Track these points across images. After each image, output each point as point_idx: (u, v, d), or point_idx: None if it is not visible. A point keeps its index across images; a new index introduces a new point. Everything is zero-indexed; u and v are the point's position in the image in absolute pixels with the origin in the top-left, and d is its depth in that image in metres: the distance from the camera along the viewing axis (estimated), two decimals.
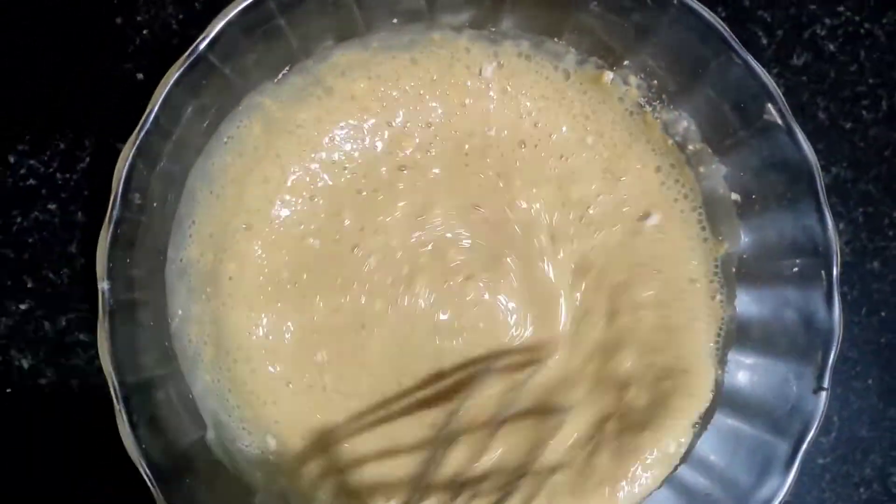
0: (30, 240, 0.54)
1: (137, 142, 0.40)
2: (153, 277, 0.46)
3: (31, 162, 0.54)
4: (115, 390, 0.41)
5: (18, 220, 0.54)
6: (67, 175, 0.54)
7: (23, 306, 0.54)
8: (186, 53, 0.42)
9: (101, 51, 0.54)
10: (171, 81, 0.42)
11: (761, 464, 0.44)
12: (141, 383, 0.43)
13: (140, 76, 0.54)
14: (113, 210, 0.41)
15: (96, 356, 0.51)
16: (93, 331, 0.52)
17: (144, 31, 0.55)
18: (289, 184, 0.47)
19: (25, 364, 0.53)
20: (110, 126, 0.54)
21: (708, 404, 0.48)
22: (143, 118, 0.41)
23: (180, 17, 0.54)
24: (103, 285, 0.42)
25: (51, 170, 0.54)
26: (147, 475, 0.41)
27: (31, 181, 0.54)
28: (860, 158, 0.56)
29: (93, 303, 0.51)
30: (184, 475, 0.43)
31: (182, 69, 0.42)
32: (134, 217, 0.42)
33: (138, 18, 0.54)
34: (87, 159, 0.54)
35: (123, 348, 0.42)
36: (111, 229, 0.41)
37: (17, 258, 0.54)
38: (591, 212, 0.50)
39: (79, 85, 0.54)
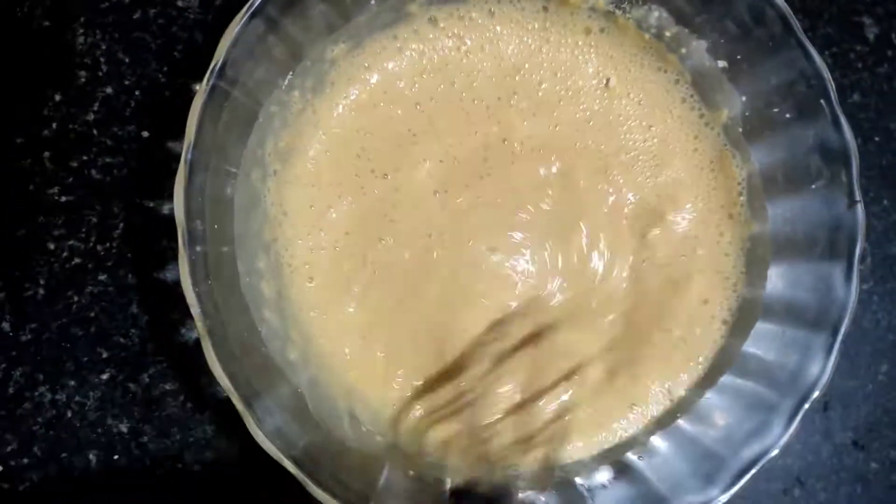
0: (91, 314, 0.56)
1: (184, 180, 0.43)
2: (232, 298, 0.49)
3: (71, 242, 0.56)
4: (239, 400, 0.44)
5: (76, 298, 0.56)
6: (107, 244, 0.56)
7: (104, 376, 0.55)
8: (204, 83, 0.45)
9: (104, 117, 0.56)
10: (198, 112, 0.45)
11: (800, 355, 0.49)
12: (253, 394, 0.46)
13: (145, 134, 0.57)
14: (186, 245, 0.44)
15: (186, 401, 0.53)
16: (176, 379, 0.55)
17: (136, 93, 0.57)
18: None
19: (124, 428, 0.55)
20: (132, 187, 0.56)
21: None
22: (185, 152, 0.44)
23: (164, 69, 0.57)
24: (196, 311, 0.44)
25: (91, 244, 0.56)
26: (293, 463, 0.43)
27: (77, 260, 0.56)
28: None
29: (167, 354, 0.54)
30: (321, 460, 0.46)
31: (204, 97, 0.45)
32: (203, 248, 0.45)
33: (125, 83, 0.57)
34: (121, 224, 0.56)
35: (232, 364, 0.44)
36: (188, 260, 0.43)
37: (86, 333, 0.56)
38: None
39: (92, 159, 0.56)
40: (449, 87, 0.54)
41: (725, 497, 0.47)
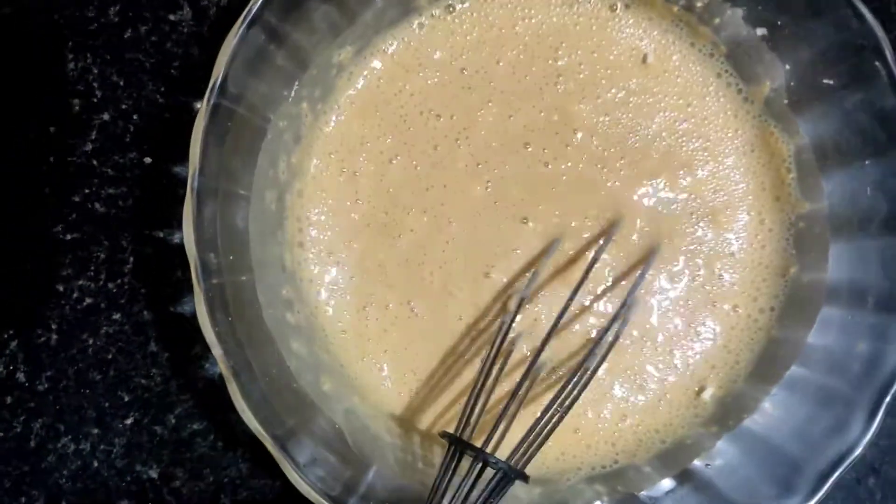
0: (109, 356, 0.53)
1: (193, 203, 0.40)
2: (256, 333, 0.45)
3: (80, 282, 0.53)
4: (273, 444, 0.40)
5: (91, 341, 0.53)
6: (119, 281, 0.53)
7: (129, 420, 0.53)
8: (205, 103, 0.42)
9: (103, 146, 0.53)
10: (201, 136, 0.41)
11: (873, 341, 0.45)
12: (287, 434, 0.42)
13: (148, 160, 0.53)
14: (200, 280, 0.40)
15: (216, 439, 0.50)
16: (204, 417, 0.51)
17: (134, 117, 0.53)
18: None
19: (154, 474, 0.52)
20: (139, 218, 0.53)
21: None
22: (191, 180, 0.40)
23: (162, 89, 0.54)
24: (217, 352, 0.40)
25: (101, 282, 0.53)
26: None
27: (88, 300, 0.53)
28: None
29: (192, 391, 0.51)
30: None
31: (206, 119, 0.41)
32: (220, 280, 0.42)
33: (122, 107, 0.53)
34: (131, 258, 0.53)
35: (262, 406, 0.41)
36: (205, 297, 0.40)
37: (105, 377, 0.53)
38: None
39: (95, 192, 0.53)
40: (487, 68, 0.52)
41: None
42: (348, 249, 0.51)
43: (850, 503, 0.55)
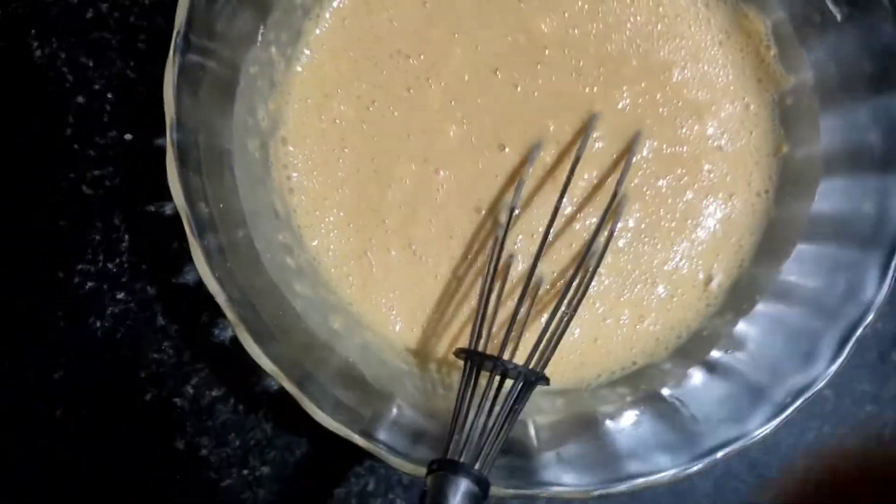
0: (118, 336, 0.53)
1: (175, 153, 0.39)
2: (258, 280, 0.45)
3: (80, 267, 0.52)
4: (291, 383, 0.40)
5: (98, 324, 0.53)
6: (117, 260, 0.53)
7: (147, 396, 0.52)
8: (171, 55, 0.41)
9: (82, 129, 0.53)
10: (172, 90, 0.41)
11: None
12: (304, 375, 0.42)
13: (128, 136, 0.53)
14: (195, 232, 0.40)
15: (237, 404, 0.50)
16: (222, 383, 0.51)
17: (109, 95, 0.53)
18: None
19: (181, 445, 0.52)
20: (129, 195, 0.53)
21: None
22: (169, 133, 0.40)
23: (132, 63, 0.53)
24: (222, 299, 0.40)
25: (100, 264, 0.53)
26: (364, 437, 0.40)
27: (90, 284, 0.53)
28: None
29: (207, 360, 0.51)
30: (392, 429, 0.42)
31: (175, 72, 0.41)
32: (214, 232, 0.42)
33: (95, 87, 0.53)
34: (126, 236, 0.53)
35: (274, 348, 0.41)
36: (201, 248, 0.40)
37: (116, 357, 0.52)
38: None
39: (81, 175, 0.53)
40: None
41: (833, 368, 0.42)
42: (341, 195, 0.50)
43: (876, 380, 0.54)
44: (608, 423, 0.47)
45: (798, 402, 0.43)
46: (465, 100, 0.50)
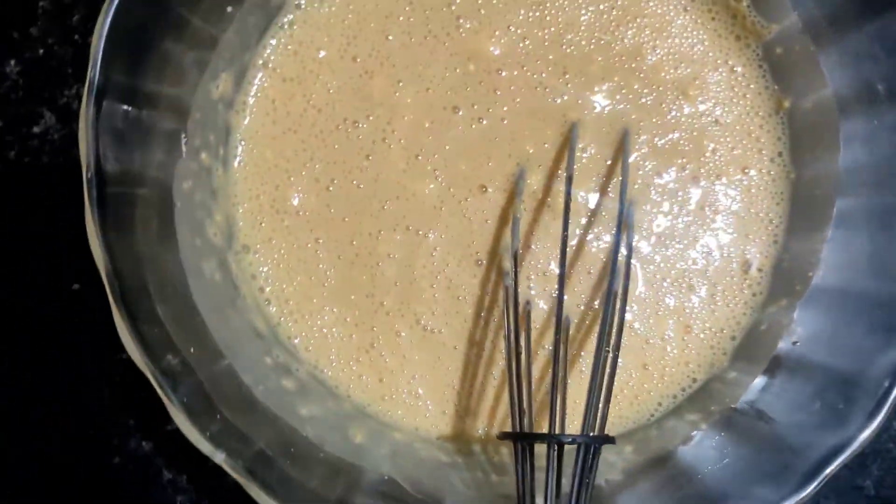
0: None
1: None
2: (256, 416, 0.39)
3: None
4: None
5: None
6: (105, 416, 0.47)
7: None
8: (86, 196, 0.35)
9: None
10: (98, 236, 0.35)
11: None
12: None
13: (76, 286, 0.47)
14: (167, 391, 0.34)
15: None
16: None
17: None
18: None
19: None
20: (96, 346, 0.46)
21: None
22: (112, 298, 0.34)
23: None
24: (220, 458, 0.34)
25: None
26: None
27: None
28: None
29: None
30: None
31: (97, 215, 0.35)
32: (192, 379, 0.36)
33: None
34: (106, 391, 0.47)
35: (296, 491, 0.35)
36: (179, 405, 0.34)
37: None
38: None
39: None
40: (380, 47, 0.46)
41: None
42: (328, 290, 0.45)
43: None
44: (688, 459, 0.41)
45: None
46: (430, 150, 0.45)
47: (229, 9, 0.41)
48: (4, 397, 0.48)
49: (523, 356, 0.40)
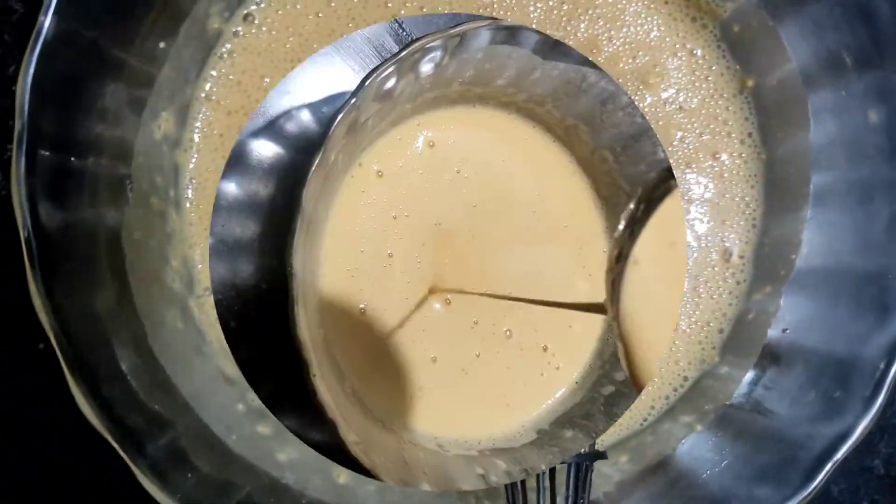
0: None
1: None
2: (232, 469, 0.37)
3: None
4: None
5: None
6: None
7: None
8: (26, 258, 0.33)
9: None
10: (41, 299, 0.33)
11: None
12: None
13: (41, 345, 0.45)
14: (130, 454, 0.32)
15: None
16: None
17: None
18: None
19: None
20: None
21: None
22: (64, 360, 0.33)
23: None
24: None
25: None
26: None
27: None
28: None
29: None
30: None
31: (39, 282, 0.33)
32: (163, 440, 0.34)
33: None
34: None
35: None
36: (146, 467, 0.32)
37: None
38: None
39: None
40: None
41: None
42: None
43: None
44: (687, 463, 0.39)
45: None
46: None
47: (162, 44, 0.40)
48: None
49: None
